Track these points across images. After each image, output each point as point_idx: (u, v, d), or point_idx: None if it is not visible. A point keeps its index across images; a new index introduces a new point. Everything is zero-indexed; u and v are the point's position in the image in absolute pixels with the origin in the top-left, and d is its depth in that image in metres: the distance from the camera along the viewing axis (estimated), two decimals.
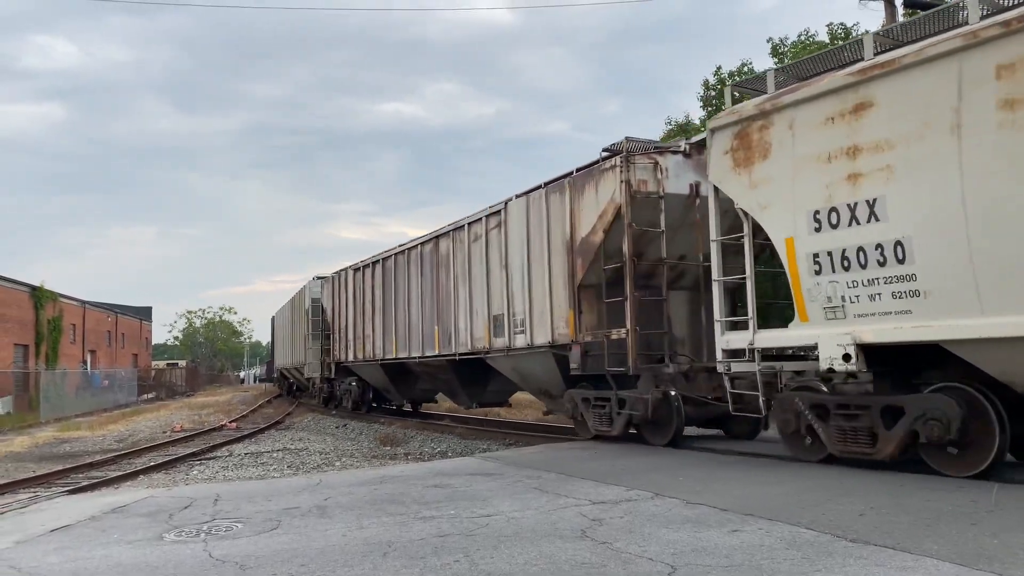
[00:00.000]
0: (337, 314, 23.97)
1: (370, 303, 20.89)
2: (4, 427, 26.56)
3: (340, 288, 23.67)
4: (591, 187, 11.91)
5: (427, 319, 17.16)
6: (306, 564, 5.32)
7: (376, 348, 20.24)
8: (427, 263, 17.32)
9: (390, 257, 19.65)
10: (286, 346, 36.28)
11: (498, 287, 14.12)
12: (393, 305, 19.22)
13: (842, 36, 25.69)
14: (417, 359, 17.84)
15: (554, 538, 5.76)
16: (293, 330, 32.53)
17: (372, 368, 21.27)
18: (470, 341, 15.14)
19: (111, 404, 40.34)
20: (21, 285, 41.65)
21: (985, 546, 5.00)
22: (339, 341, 23.69)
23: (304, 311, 28.35)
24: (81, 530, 6.97)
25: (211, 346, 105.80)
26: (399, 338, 18.77)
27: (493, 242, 14.47)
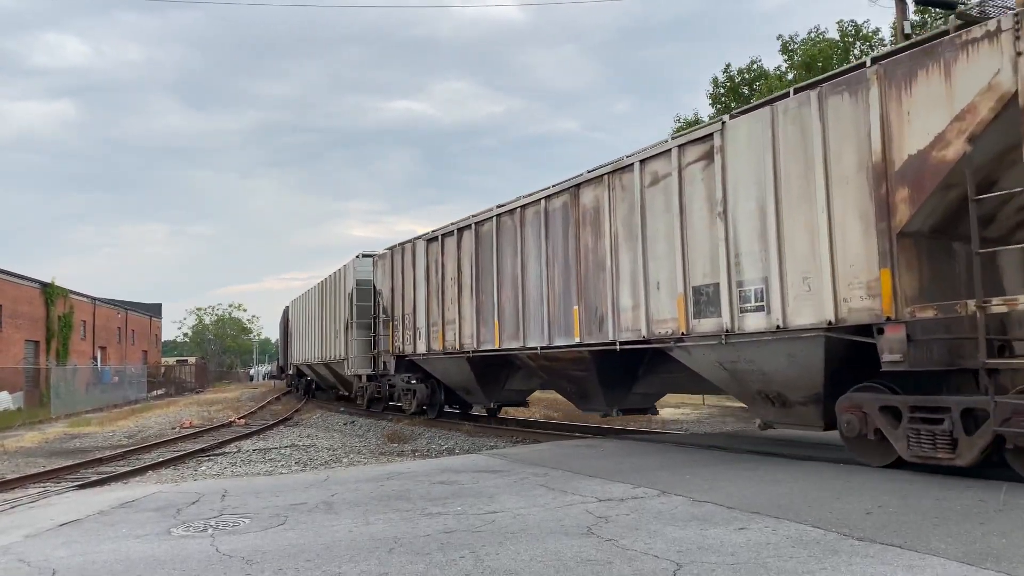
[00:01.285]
0: (398, 297, 19.19)
1: (453, 280, 16.34)
2: (15, 422, 26.73)
3: (404, 265, 18.87)
4: (933, 72, 7.72)
5: (556, 297, 12.93)
6: (312, 559, 5.33)
7: (463, 337, 15.85)
8: (555, 223, 12.99)
9: (487, 220, 15.11)
10: (307, 339, 31.61)
11: (704, 245, 9.95)
12: (494, 281, 14.73)
13: (852, 33, 25.60)
14: (536, 350, 13.43)
15: (560, 535, 5.76)
16: (322, 320, 27.67)
17: (453, 362, 16.84)
18: (645, 324, 10.86)
19: (121, 400, 40.54)
20: (32, 282, 41.91)
21: (993, 545, 4.97)
22: (402, 330, 18.96)
23: (345, 295, 23.40)
24: (90, 524, 7.01)
25: (220, 343, 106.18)
26: (504, 323, 14.43)
27: (694, 182, 10.15)
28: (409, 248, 18.70)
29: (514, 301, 14.16)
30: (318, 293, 28.76)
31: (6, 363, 36.29)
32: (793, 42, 26.74)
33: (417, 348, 18.08)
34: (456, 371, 17.07)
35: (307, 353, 31.63)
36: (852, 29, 25.53)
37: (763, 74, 27.62)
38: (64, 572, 5.31)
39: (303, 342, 32.99)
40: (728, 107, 26.75)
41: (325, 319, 27.00)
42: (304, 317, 32.80)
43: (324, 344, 27.32)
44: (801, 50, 25.93)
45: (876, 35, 25.42)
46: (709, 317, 9.92)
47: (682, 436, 13.67)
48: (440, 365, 17.59)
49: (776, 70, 27.36)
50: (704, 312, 9.99)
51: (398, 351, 19.21)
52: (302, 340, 33.29)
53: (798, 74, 24.90)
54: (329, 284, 26.63)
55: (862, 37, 25.46)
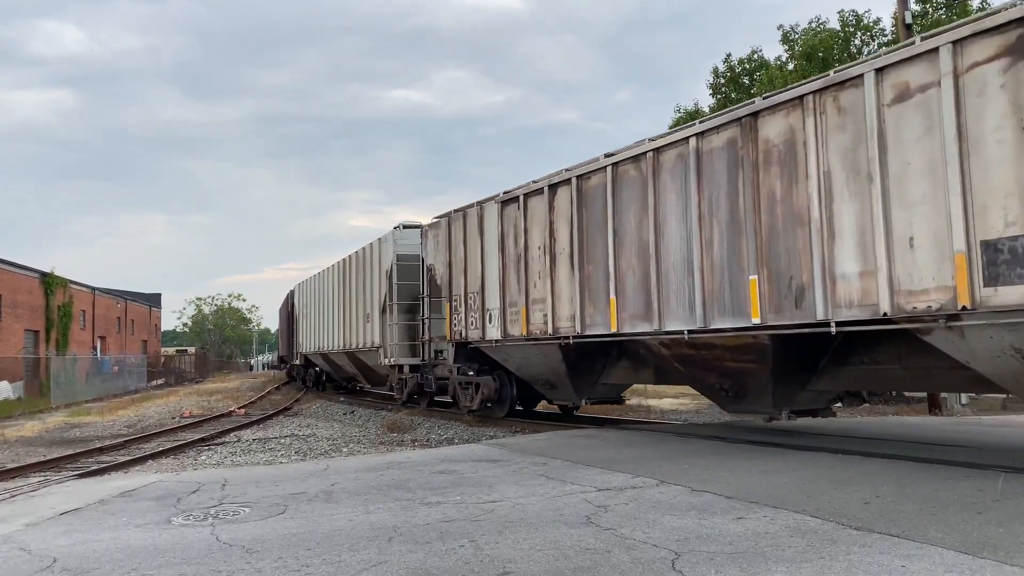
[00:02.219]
0: (458, 272, 16.02)
1: (542, 250, 13.21)
2: (15, 412, 26.78)
3: (467, 234, 15.74)
4: None
5: (716, 264, 9.83)
6: (312, 548, 5.35)
7: (559, 319, 12.80)
8: (713, 167, 9.90)
9: (595, 172, 11.98)
10: (321, 325, 28.24)
11: (1008, 180, 6.94)
12: (608, 248, 11.59)
13: (853, 24, 25.52)
14: (681, 335, 10.35)
15: (559, 524, 5.78)
16: (344, 303, 24.66)
17: (538, 351, 13.80)
18: (887, 297, 7.85)
19: (121, 390, 40.61)
20: (32, 271, 41.89)
21: (990, 535, 4.99)
22: (464, 312, 15.75)
23: (380, 274, 20.41)
24: (90, 513, 7.03)
25: (220, 333, 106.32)
26: (625, 301, 11.35)
27: (985, 91, 7.13)
28: (474, 214, 15.41)
29: (641, 272, 11.01)
30: (338, 273, 25.69)
31: (6, 353, 36.32)
32: (794, 32, 26.67)
33: (487, 334, 14.93)
34: (540, 361, 13.97)
35: (320, 341, 28.43)
36: (853, 19, 25.45)
37: (764, 64, 27.56)
38: (65, 561, 5.32)
39: (315, 329, 29.70)
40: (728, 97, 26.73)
41: (349, 302, 24.01)
42: (317, 301, 29.43)
43: (347, 330, 24.30)
44: (802, 40, 25.86)
45: (877, 25, 25.35)
46: (1016, 284, 6.92)
47: (681, 426, 13.69)
48: (518, 354, 14.40)
49: (777, 60, 27.29)
50: (1008, 276, 6.98)
51: (459, 337, 15.97)
52: (313, 327, 30.01)
53: (798, 64, 24.85)
54: (356, 262, 23.39)
55: (863, 27, 25.39)
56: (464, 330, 15.78)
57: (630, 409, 18.13)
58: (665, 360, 11.65)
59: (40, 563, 5.29)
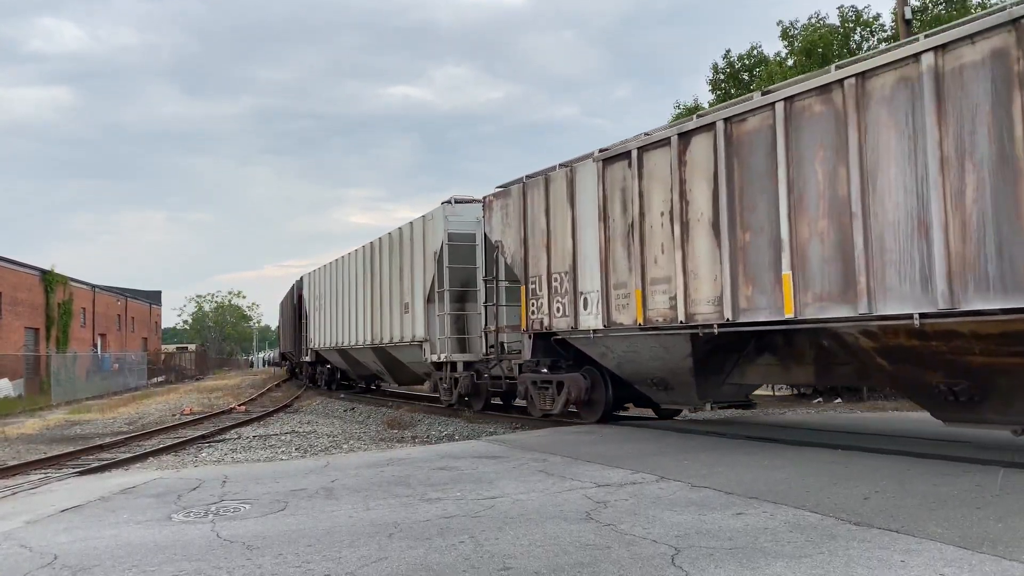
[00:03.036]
0: (538, 249, 13.30)
1: (666, 216, 10.59)
2: (15, 410, 26.80)
3: (551, 202, 12.97)
4: None
5: (969, 222, 7.45)
6: (312, 544, 5.36)
7: (695, 303, 10.14)
8: (961, 93, 7.52)
9: (752, 113, 9.47)
10: (340, 318, 25.39)
11: None
12: (779, 208, 9.03)
13: (853, 19, 25.50)
14: (911, 320, 7.81)
15: (559, 520, 5.79)
16: (371, 292, 21.99)
17: (654, 342, 11.12)
18: None
19: (121, 387, 40.63)
20: (32, 269, 41.89)
21: (990, 530, 5.00)
22: (547, 296, 13.06)
23: (426, 256, 17.73)
24: (91, 510, 7.04)
25: (220, 330, 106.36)
26: (808, 276, 8.75)
27: None
28: (561, 177, 12.71)
29: (835, 238, 8.44)
30: (364, 259, 22.94)
31: (6, 350, 36.34)
32: (793, 28, 26.63)
33: (580, 322, 12.19)
34: (656, 355, 11.27)
35: (337, 335, 25.74)
36: (853, 15, 25.42)
37: (763, 60, 27.53)
38: (65, 557, 5.33)
39: (330, 322, 26.91)
40: (728, 93, 26.71)
41: (379, 291, 21.29)
42: (334, 292, 26.53)
43: (375, 323, 21.52)
44: (801, 36, 25.84)
45: (877, 20, 25.33)
46: None
47: (680, 422, 13.70)
48: (622, 347, 11.70)
49: (776, 56, 27.27)
50: None
51: (538, 326, 13.28)
52: (328, 320, 27.18)
53: (798, 60, 24.83)
54: (391, 245, 20.54)
55: (863, 23, 25.37)
56: (547, 318, 13.07)
57: None
58: (862, 355, 8.83)
59: (41, 560, 5.29)
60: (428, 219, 17.79)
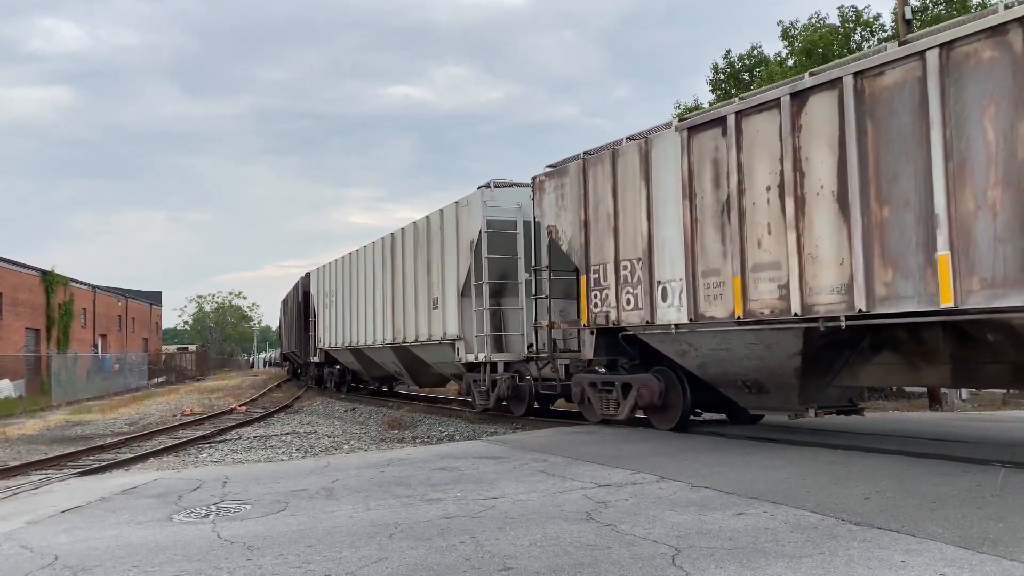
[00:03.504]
0: (602, 233, 11.82)
1: (777, 191, 9.23)
2: (16, 410, 26.81)
3: (619, 180, 11.52)
4: None
5: None
6: (313, 545, 5.37)
7: (813, 292, 8.83)
8: None
9: (894, 64, 8.16)
10: (353, 317, 23.68)
11: None
12: (936, 176, 7.76)
13: (853, 19, 25.50)
14: None
15: (559, 520, 5.79)
16: (391, 287, 20.35)
17: (751, 339, 9.74)
18: None
19: (122, 388, 40.63)
20: (32, 270, 41.90)
21: (990, 530, 5.00)
22: (614, 287, 11.60)
23: (461, 247, 16.02)
24: (91, 511, 7.05)
25: (221, 331, 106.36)
26: (974, 256, 7.54)
27: None
28: (632, 151, 11.24)
29: (1010, 211, 7.21)
30: (384, 252, 21.21)
31: (7, 351, 36.35)
32: (794, 28, 26.63)
33: (658, 316, 10.72)
34: (754, 353, 9.75)
35: (351, 334, 24.05)
36: (853, 15, 25.42)
37: (763, 60, 27.52)
38: (66, 558, 5.34)
39: (342, 320, 25.19)
40: (728, 93, 26.69)
41: (401, 286, 19.68)
42: (347, 288, 24.77)
43: (396, 320, 19.94)
44: (802, 36, 25.83)
45: (877, 21, 25.33)
46: None
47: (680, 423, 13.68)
48: (710, 344, 10.23)
49: (777, 56, 27.26)
50: None
51: (603, 321, 11.75)
52: (341, 318, 25.46)
53: (798, 60, 24.83)
54: (414, 236, 18.88)
55: (863, 23, 25.35)
56: (613, 312, 11.51)
57: None
58: None
59: (42, 560, 5.30)
60: (462, 205, 16.04)
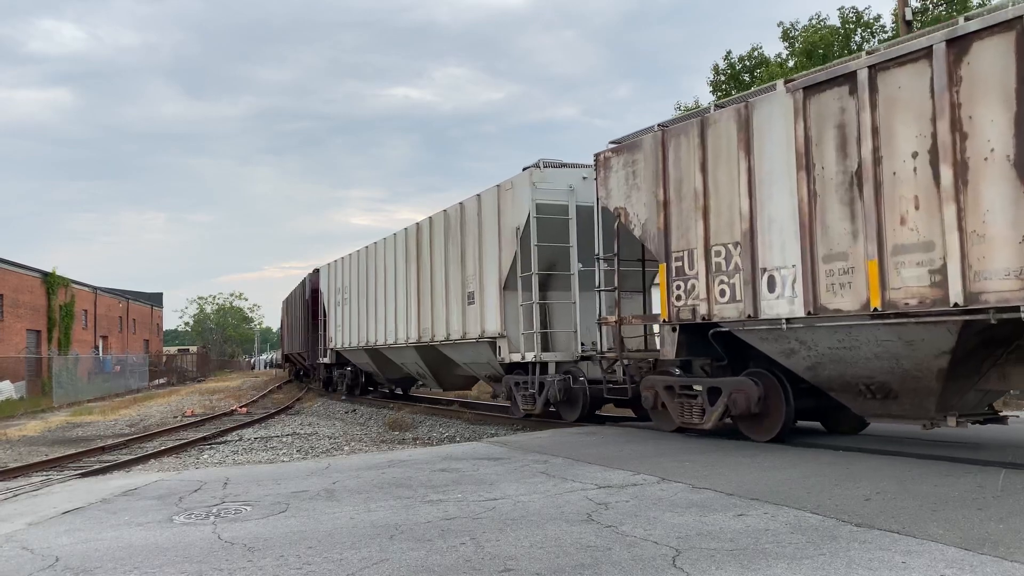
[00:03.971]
0: (684, 215, 10.56)
1: (926, 158, 7.90)
2: (17, 411, 26.82)
3: (706, 154, 10.24)
4: None
5: None
6: (314, 546, 5.37)
7: (976, 276, 7.52)
8: None
9: None
10: (371, 314, 21.90)
11: None
12: None
13: (853, 20, 25.51)
14: None
15: (560, 522, 5.79)
16: (418, 282, 18.61)
17: (886, 335, 8.28)
18: None
19: (123, 389, 40.65)
20: (33, 271, 41.92)
21: (991, 531, 5.00)
22: (701, 276, 10.26)
23: (506, 234, 14.69)
24: (92, 512, 7.05)
25: (221, 332, 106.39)
26: None
27: None
28: (728, 119, 9.86)
29: None
30: (405, 244, 19.57)
31: (8, 352, 36.37)
32: (794, 29, 26.66)
33: (763, 309, 9.25)
34: (886, 351, 8.33)
35: (369, 333, 22.17)
36: (853, 16, 25.44)
37: (764, 61, 27.55)
38: (67, 559, 5.34)
39: (357, 319, 23.37)
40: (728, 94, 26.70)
41: (428, 280, 17.98)
42: (363, 284, 22.96)
43: (422, 317, 18.28)
44: (802, 37, 25.86)
45: (877, 22, 25.34)
46: None
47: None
48: (833, 340, 8.72)
49: (777, 57, 27.28)
50: None
51: (691, 315, 10.26)
52: (356, 316, 23.55)
53: (799, 61, 24.84)
54: (444, 226, 17.23)
55: (863, 24, 25.38)
56: (702, 304, 10.08)
57: None
58: None
59: (42, 562, 5.30)
60: (506, 188, 14.68)
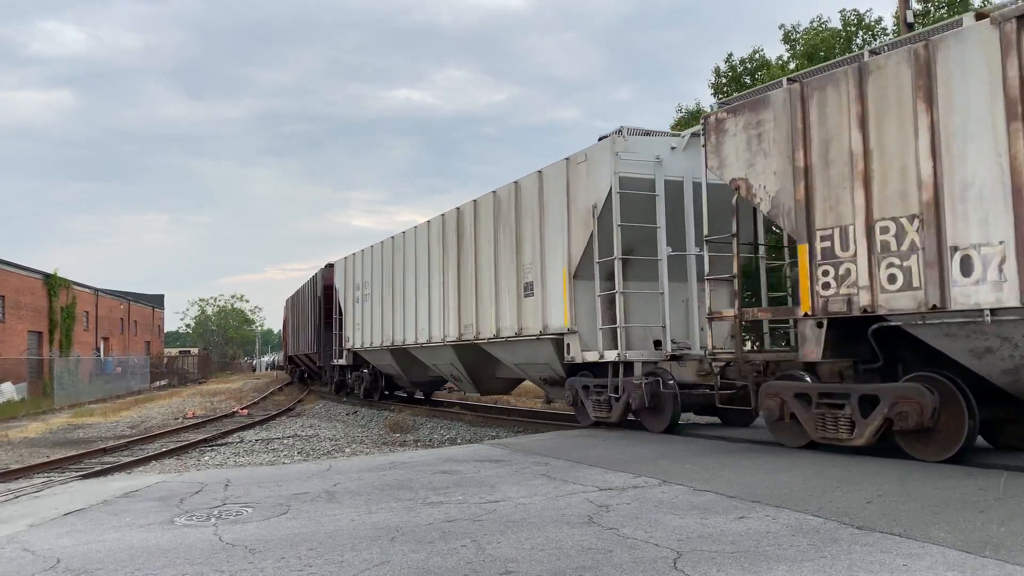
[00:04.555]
0: (833, 185, 8.77)
1: None
2: (19, 413, 26.83)
3: (865, 108, 8.37)
4: None
5: None
6: (315, 548, 5.37)
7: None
8: None
9: None
10: (395, 312, 20.10)
11: None
12: None
13: (855, 23, 25.51)
14: None
15: (561, 524, 5.79)
16: (460, 271, 16.58)
17: None
18: None
19: (124, 391, 40.66)
20: (35, 272, 41.96)
21: (992, 534, 4.99)
22: (859, 258, 8.39)
23: (579, 213, 12.67)
24: (94, 514, 7.05)
25: (223, 334, 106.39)
26: None
27: None
28: (900, 62, 8.04)
29: None
30: (438, 233, 17.39)
31: (9, 354, 36.39)
32: (795, 31, 26.66)
33: (956, 297, 7.47)
34: None
35: (395, 331, 19.82)
36: (855, 18, 25.43)
37: (765, 63, 27.54)
38: (68, 561, 5.34)
39: (380, 316, 21.07)
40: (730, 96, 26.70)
41: (471, 271, 15.94)
42: (388, 278, 20.63)
43: (464, 313, 16.18)
44: (803, 39, 25.86)
45: (879, 24, 25.34)
46: None
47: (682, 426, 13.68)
48: None
49: (778, 60, 27.28)
50: None
51: (848, 306, 8.45)
52: (379, 313, 21.16)
53: (800, 64, 24.82)
54: (493, 209, 15.09)
55: (865, 26, 25.37)
56: (864, 294, 8.29)
57: None
58: None
59: (44, 563, 5.30)
60: (578, 161, 12.63)
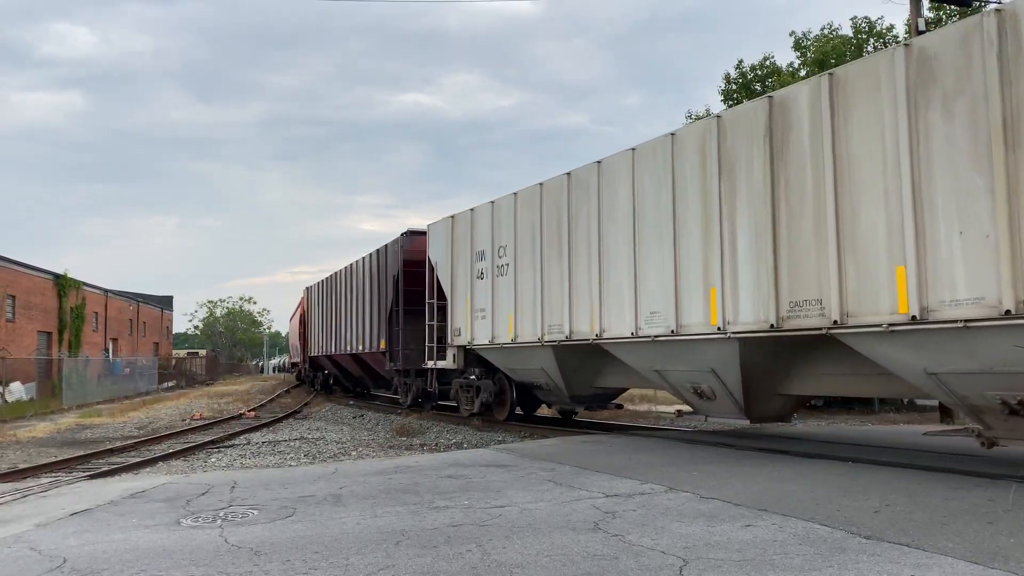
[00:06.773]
0: None
1: None
2: (27, 413, 26.94)
3: None
4: None
5: None
6: (320, 551, 5.37)
7: None
8: None
9: None
10: (539, 294, 13.85)
11: None
12: None
13: (866, 30, 25.46)
14: None
15: (567, 530, 5.77)
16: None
17: None
18: None
19: (132, 392, 40.78)
20: (45, 273, 42.18)
21: (1002, 545, 4.95)
22: None
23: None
24: (100, 514, 7.07)
25: (231, 336, 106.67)
26: None
27: None
28: None
29: None
30: (652, 163, 11.17)
31: (19, 354, 36.58)
32: (806, 39, 26.62)
33: None
34: None
35: (566, 318, 13.01)
36: (866, 26, 25.39)
37: (776, 70, 27.50)
38: (74, 561, 5.35)
39: (542, 295, 13.85)
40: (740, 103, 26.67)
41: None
42: (556, 237, 13.54)
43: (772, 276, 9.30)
44: (814, 47, 25.81)
45: (890, 32, 25.27)
46: None
47: (689, 432, 13.65)
48: None
49: (789, 67, 27.23)
50: None
51: None
52: (533, 290, 14.15)
53: (811, 71, 24.78)
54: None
55: (876, 34, 25.32)
56: None
57: (639, 415, 18.11)
58: None
59: (50, 563, 5.32)
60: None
